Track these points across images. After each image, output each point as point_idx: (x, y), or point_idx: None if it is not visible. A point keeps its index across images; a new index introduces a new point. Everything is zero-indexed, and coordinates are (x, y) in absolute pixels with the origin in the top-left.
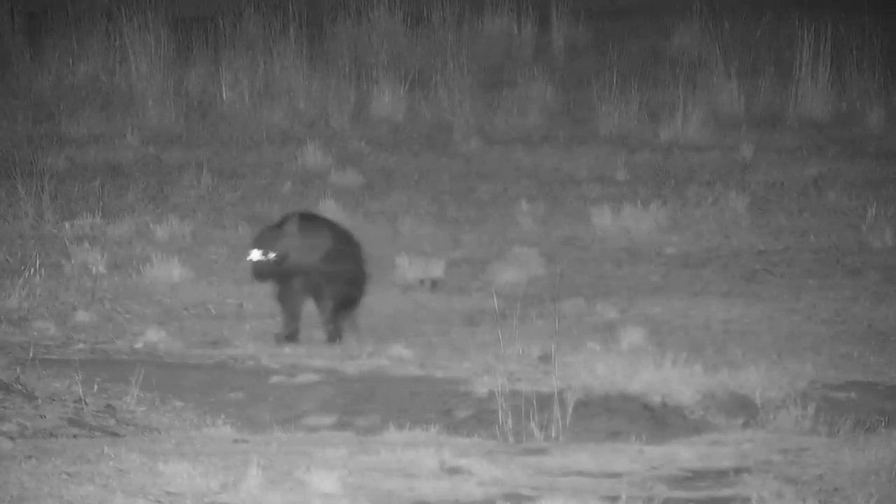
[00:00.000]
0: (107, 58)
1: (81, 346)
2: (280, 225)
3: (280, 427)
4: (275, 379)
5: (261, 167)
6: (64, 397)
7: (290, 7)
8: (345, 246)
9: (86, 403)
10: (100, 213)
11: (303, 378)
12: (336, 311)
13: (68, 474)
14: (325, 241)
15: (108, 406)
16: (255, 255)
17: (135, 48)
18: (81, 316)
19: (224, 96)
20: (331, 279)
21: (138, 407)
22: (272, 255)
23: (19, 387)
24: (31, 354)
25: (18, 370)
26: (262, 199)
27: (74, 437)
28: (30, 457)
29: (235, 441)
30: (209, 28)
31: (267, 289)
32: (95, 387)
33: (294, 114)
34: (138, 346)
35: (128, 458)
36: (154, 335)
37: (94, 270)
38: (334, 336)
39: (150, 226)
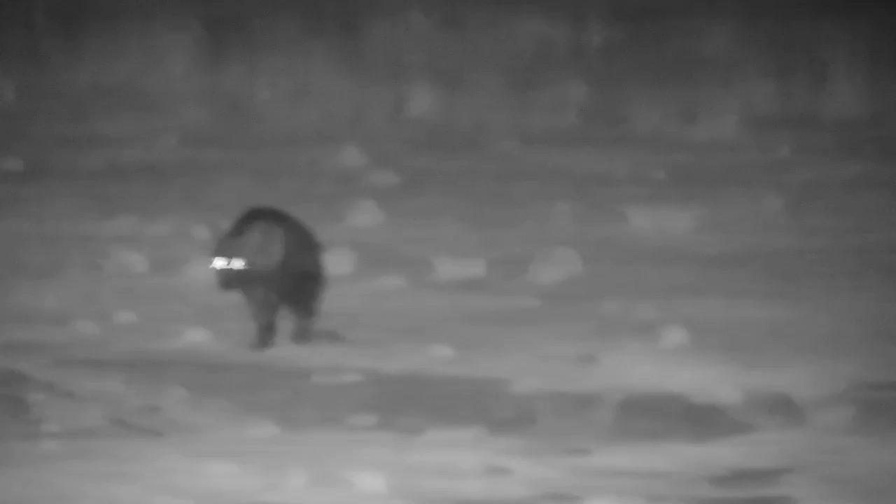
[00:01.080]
0: (142, 58)
1: (122, 346)
2: (239, 230)
3: (322, 427)
4: (316, 378)
5: (297, 167)
6: (106, 397)
7: (326, 7)
8: (303, 247)
9: (127, 404)
10: (138, 214)
11: (344, 378)
12: (299, 312)
13: (111, 474)
14: (284, 244)
15: (150, 406)
16: (219, 263)
17: (170, 48)
18: (122, 316)
19: (260, 96)
20: (291, 283)
21: (180, 407)
22: (235, 264)
23: (61, 387)
24: (72, 355)
25: (60, 370)
26: (299, 200)
27: (116, 437)
28: (72, 457)
29: (278, 441)
30: (244, 28)
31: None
32: (137, 387)
33: (330, 114)
34: (179, 346)
35: (170, 458)
36: (195, 335)
37: (133, 270)
38: (306, 338)
39: (189, 226)
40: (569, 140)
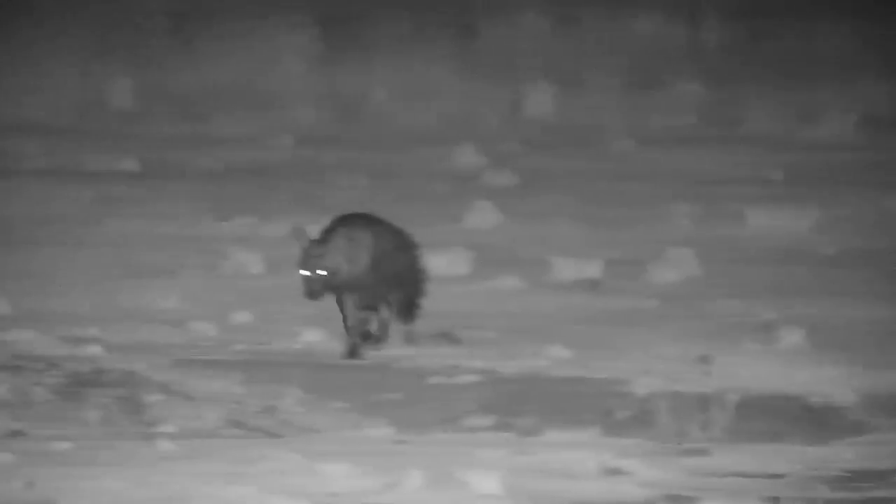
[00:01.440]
0: (258, 58)
1: (240, 346)
2: (324, 238)
3: (439, 427)
4: (433, 379)
5: (413, 167)
6: (223, 398)
7: (442, 7)
8: (396, 249)
9: (244, 405)
10: (254, 214)
11: (461, 378)
12: (396, 317)
13: (227, 475)
14: (372, 249)
15: (268, 407)
16: (304, 273)
17: (285, 49)
18: (239, 317)
19: (376, 97)
20: (385, 286)
21: (298, 408)
22: (320, 273)
23: (178, 388)
24: (189, 355)
25: (177, 371)
26: (415, 200)
27: (233, 438)
28: (189, 458)
29: (395, 441)
30: (360, 28)
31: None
32: (254, 388)
33: (446, 114)
34: (296, 346)
35: (288, 459)
36: (312, 336)
37: (250, 271)
38: (411, 339)
39: (305, 227)
40: (686, 140)
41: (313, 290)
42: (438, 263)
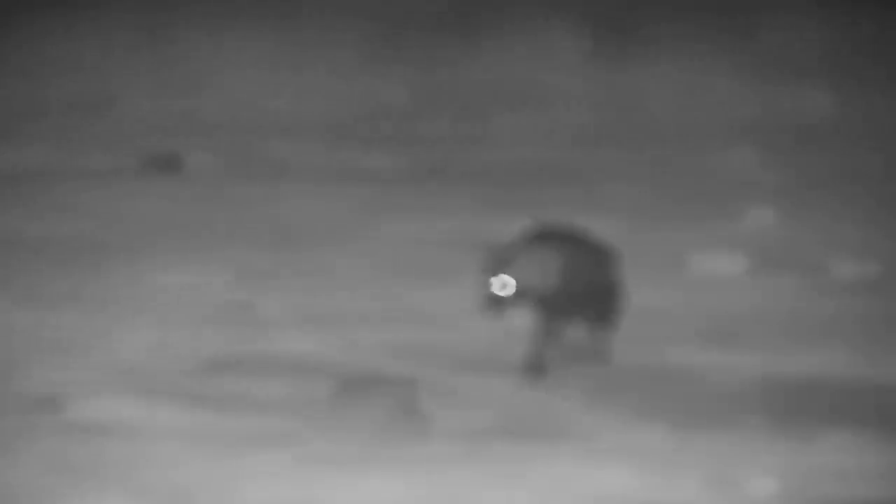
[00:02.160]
0: (537, 56)
1: (515, 349)
2: (511, 249)
3: (716, 430)
4: (710, 380)
5: (690, 167)
6: (498, 400)
7: (722, 5)
8: (588, 260)
9: (521, 407)
10: (532, 213)
11: (739, 380)
12: (594, 330)
13: (504, 478)
14: (561, 260)
15: (544, 410)
16: (490, 286)
17: (564, 46)
18: (516, 319)
19: (655, 95)
20: (578, 299)
21: (572, 410)
22: (508, 287)
23: (454, 390)
24: (465, 357)
25: (453, 373)
26: (692, 200)
27: (509, 441)
28: (466, 461)
29: (673, 444)
30: (639, 28)
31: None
32: (531, 390)
33: (725, 114)
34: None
35: (562, 462)
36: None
37: None
38: (604, 357)
39: (583, 225)
40: None
41: (497, 302)
42: (716, 264)
